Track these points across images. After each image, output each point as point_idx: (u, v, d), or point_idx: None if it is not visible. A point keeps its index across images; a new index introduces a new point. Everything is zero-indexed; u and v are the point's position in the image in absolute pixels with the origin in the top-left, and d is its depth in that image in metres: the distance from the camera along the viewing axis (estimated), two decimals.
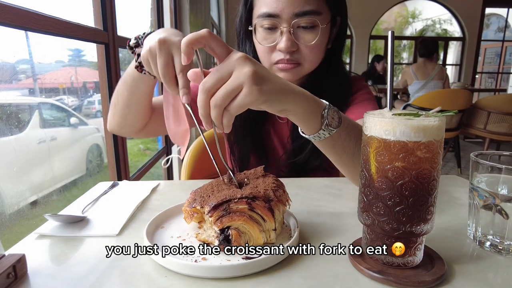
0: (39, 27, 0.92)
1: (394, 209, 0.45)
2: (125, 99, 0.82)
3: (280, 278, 0.46)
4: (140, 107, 0.85)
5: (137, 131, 0.92)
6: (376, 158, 0.45)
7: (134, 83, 0.78)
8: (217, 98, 0.50)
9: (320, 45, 0.88)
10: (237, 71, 0.50)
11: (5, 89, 1.78)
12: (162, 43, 0.60)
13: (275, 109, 0.56)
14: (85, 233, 0.59)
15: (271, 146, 1.02)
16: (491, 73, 9.13)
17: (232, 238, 0.50)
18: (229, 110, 0.51)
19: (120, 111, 0.85)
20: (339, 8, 0.92)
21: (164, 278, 0.46)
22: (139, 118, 0.88)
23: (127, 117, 0.86)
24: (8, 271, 0.43)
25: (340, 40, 0.96)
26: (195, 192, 0.57)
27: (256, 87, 0.50)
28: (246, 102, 0.50)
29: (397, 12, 10.64)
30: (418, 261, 0.48)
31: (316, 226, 0.62)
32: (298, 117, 0.60)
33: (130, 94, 0.81)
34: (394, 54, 0.51)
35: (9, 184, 1.61)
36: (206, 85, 0.50)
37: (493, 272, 0.49)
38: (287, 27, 0.83)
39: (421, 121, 0.42)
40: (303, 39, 0.85)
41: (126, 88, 0.80)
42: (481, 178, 0.56)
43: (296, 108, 0.58)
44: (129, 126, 0.89)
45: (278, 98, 0.55)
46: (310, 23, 0.84)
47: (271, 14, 0.83)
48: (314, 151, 0.93)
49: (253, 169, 0.65)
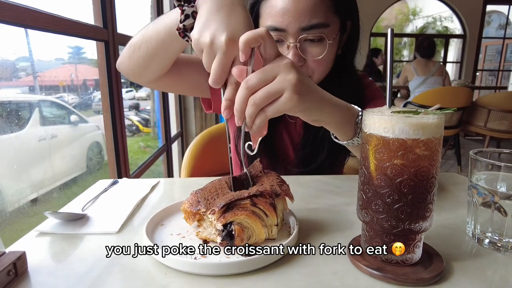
0: (39, 25, 0.92)
1: (393, 206, 0.45)
2: (150, 50, 0.72)
3: (279, 275, 0.46)
4: (165, 62, 0.78)
5: (149, 81, 0.84)
6: (375, 155, 0.45)
7: (168, 39, 0.68)
8: (257, 97, 0.50)
9: (328, 57, 0.85)
10: (281, 76, 0.50)
11: (5, 86, 1.78)
12: (230, 45, 0.50)
13: (311, 118, 0.57)
14: (85, 231, 0.59)
15: (282, 148, 1.00)
16: (492, 71, 9.11)
17: (235, 233, 0.50)
18: (265, 111, 0.51)
19: (140, 59, 0.76)
20: (349, 13, 0.88)
21: (163, 275, 0.46)
22: (158, 72, 0.80)
23: (145, 67, 0.78)
24: (9, 268, 0.43)
25: (352, 45, 0.92)
26: (197, 193, 0.56)
27: (297, 96, 0.50)
28: (285, 108, 0.51)
29: (398, 9, 10.60)
30: (417, 258, 0.48)
31: (316, 224, 0.62)
32: (333, 127, 0.62)
33: (159, 48, 0.72)
34: (393, 51, 0.51)
35: (9, 181, 1.61)
36: (249, 83, 0.50)
37: (492, 269, 0.49)
38: (294, 42, 0.80)
39: (420, 119, 0.42)
40: (310, 53, 0.82)
41: (156, 39, 0.70)
42: (480, 175, 0.56)
43: (331, 119, 0.59)
44: (144, 77, 0.82)
45: (316, 109, 0.56)
46: (317, 36, 0.81)
47: (277, 28, 0.80)
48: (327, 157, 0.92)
49: (251, 165, 0.65)
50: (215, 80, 0.52)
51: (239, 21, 0.53)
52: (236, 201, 0.52)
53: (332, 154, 0.92)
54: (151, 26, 0.71)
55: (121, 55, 0.81)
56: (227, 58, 0.51)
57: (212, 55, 0.52)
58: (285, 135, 1.00)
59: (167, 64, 0.79)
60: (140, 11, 3.02)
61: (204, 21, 0.53)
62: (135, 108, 5.84)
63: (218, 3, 0.54)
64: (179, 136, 2.88)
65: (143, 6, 2.99)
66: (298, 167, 0.97)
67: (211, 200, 0.54)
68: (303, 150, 0.96)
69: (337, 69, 0.91)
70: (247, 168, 0.60)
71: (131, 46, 0.77)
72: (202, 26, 0.53)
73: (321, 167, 0.93)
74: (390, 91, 0.50)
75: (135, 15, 2.94)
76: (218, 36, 0.51)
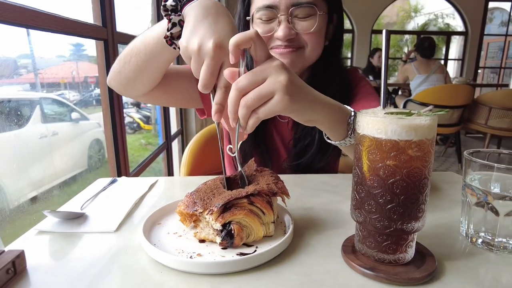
0: (39, 24, 0.93)
1: (385, 207, 0.45)
2: (140, 62, 0.73)
3: (273, 274, 0.47)
4: (155, 74, 0.78)
5: (140, 95, 0.85)
6: (368, 156, 0.46)
7: (156, 50, 0.69)
8: (248, 99, 0.51)
9: (319, 33, 0.88)
10: (272, 77, 0.51)
11: (6, 84, 1.78)
12: (217, 51, 0.52)
13: (303, 118, 0.58)
14: (83, 229, 0.60)
15: (273, 146, 1.02)
16: (494, 68, 9.07)
17: (235, 232, 0.51)
18: (257, 113, 0.52)
19: (130, 73, 0.76)
20: (335, 5, 0.92)
21: (159, 274, 0.47)
22: (148, 84, 0.81)
23: (136, 80, 0.78)
24: (8, 266, 0.44)
25: (338, 38, 0.96)
26: (192, 195, 0.56)
27: (288, 97, 0.51)
28: (276, 109, 0.51)
29: (399, 6, 10.54)
30: (409, 258, 0.49)
31: (311, 223, 0.63)
32: (325, 126, 0.63)
33: (148, 60, 0.72)
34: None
35: (10, 179, 1.62)
36: (240, 84, 0.51)
37: (484, 269, 0.50)
38: (285, 15, 0.84)
39: (412, 120, 0.43)
40: (301, 27, 0.86)
41: (145, 51, 0.71)
42: (474, 175, 0.57)
43: (324, 119, 0.60)
44: (134, 90, 0.82)
45: (307, 109, 0.56)
46: (307, 13, 0.85)
47: (269, 6, 0.84)
48: (318, 153, 0.93)
49: (245, 165, 0.65)
50: (204, 84, 0.53)
51: (225, 28, 0.55)
52: (233, 201, 0.53)
53: (322, 149, 0.93)
54: (139, 38, 0.72)
55: (110, 72, 0.81)
56: (215, 63, 0.53)
57: (200, 60, 0.53)
58: (275, 135, 1.01)
59: (158, 76, 0.80)
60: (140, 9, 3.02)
61: (191, 28, 0.55)
62: (136, 105, 5.85)
63: (204, 11, 0.56)
64: (179, 134, 2.89)
65: (143, 4, 2.99)
66: (290, 163, 0.98)
67: (207, 201, 0.54)
68: (294, 148, 0.98)
69: (325, 61, 0.94)
70: (242, 168, 0.61)
71: (120, 60, 0.77)
72: (190, 33, 0.54)
73: (313, 162, 0.95)
74: (384, 92, 0.50)
75: (134, 13, 2.94)
76: (206, 42, 0.52)
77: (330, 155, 0.94)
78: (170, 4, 0.60)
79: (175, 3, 0.60)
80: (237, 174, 0.62)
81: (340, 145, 0.67)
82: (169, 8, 0.60)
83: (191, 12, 0.57)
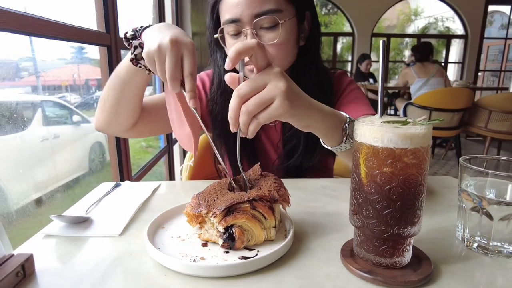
0: (43, 32, 0.95)
1: (382, 212, 0.47)
2: (117, 94, 0.80)
3: (273, 277, 0.48)
4: (132, 103, 0.83)
5: (125, 130, 0.90)
6: (366, 163, 0.47)
7: (127, 77, 0.76)
8: (249, 105, 0.53)
9: (287, 42, 0.87)
10: (272, 84, 0.53)
11: (8, 86, 1.80)
12: (174, 43, 0.59)
13: (301, 124, 0.60)
14: (89, 233, 0.61)
15: (262, 150, 1.04)
16: (494, 71, 9.10)
17: (236, 235, 0.53)
18: (258, 118, 0.54)
19: (110, 107, 0.83)
20: (304, 3, 0.91)
21: (164, 277, 0.49)
22: (129, 116, 0.86)
23: (116, 114, 0.84)
24: (17, 270, 0.46)
25: (314, 37, 0.95)
26: (198, 196, 0.58)
27: (287, 102, 0.53)
28: (276, 114, 0.54)
29: (400, 9, 10.58)
30: (406, 261, 0.50)
31: (310, 227, 0.64)
32: (321, 132, 0.65)
33: (123, 89, 0.79)
34: (385, 62, 0.53)
35: (12, 182, 1.63)
36: (241, 91, 0.53)
37: (479, 272, 0.51)
38: (250, 28, 0.84)
39: (408, 129, 0.44)
40: (266, 38, 0.85)
41: (119, 82, 0.78)
42: (469, 181, 0.58)
43: (320, 125, 0.62)
44: (118, 125, 0.87)
45: (305, 114, 0.59)
46: (271, 22, 0.84)
47: (233, 19, 0.84)
48: (305, 153, 0.95)
49: (251, 169, 0.67)
50: (171, 76, 0.60)
51: (177, 31, 0.63)
52: (236, 204, 0.54)
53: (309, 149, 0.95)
54: (112, 75, 0.80)
55: (95, 117, 0.88)
56: (175, 54, 0.59)
57: (162, 58, 0.60)
58: (264, 138, 1.03)
59: (135, 105, 0.84)
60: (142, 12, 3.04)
61: (149, 39, 0.63)
62: None
63: (157, 28, 0.66)
64: None
65: (144, 8, 3.02)
66: (279, 165, 1.00)
67: (211, 202, 0.56)
68: (283, 149, 0.99)
69: (303, 61, 0.95)
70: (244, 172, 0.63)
71: (101, 101, 0.84)
72: (149, 42, 0.63)
73: (302, 162, 0.96)
74: (381, 101, 0.52)
75: (136, 17, 2.97)
76: (163, 40, 0.60)
77: (319, 154, 0.96)
78: (130, 34, 0.70)
79: (134, 33, 0.70)
80: (240, 177, 0.63)
81: (336, 151, 0.69)
82: (130, 37, 0.70)
83: (147, 33, 0.67)
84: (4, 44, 1.41)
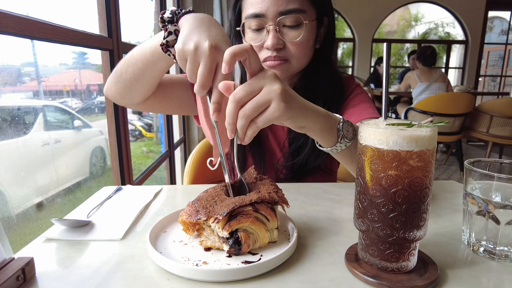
0: (46, 36, 0.95)
1: (387, 215, 0.46)
2: (136, 71, 0.77)
3: (278, 282, 0.48)
4: (151, 82, 0.81)
5: (137, 103, 0.88)
6: (371, 166, 0.47)
7: (153, 59, 0.72)
8: (246, 109, 0.53)
9: (307, 43, 0.90)
10: (267, 87, 0.54)
11: (10, 91, 1.80)
12: (212, 50, 0.56)
13: (297, 125, 0.60)
14: (90, 237, 0.61)
15: (269, 148, 1.04)
16: (494, 76, 9.11)
17: (242, 240, 0.52)
18: (256, 122, 0.54)
19: (126, 82, 0.80)
20: (324, 8, 0.94)
21: (166, 281, 0.48)
22: (144, 93, 0.84)
23: (132, 89, 0.82)
24: (18, 273, 0.45)
25: (329, 41, 0.98)
26: (194, 203, 0.57)
27: (283, 104, 0.53)
28: (273, 117, 0.54)
29: (400, 15, 10.63)
30: (411, 266, 0.49)
31: (314, 231, 0.64)
32: (316, 133, 0.65)
33: (145, 69, 0.76)
34: (389, 65, 0.53)
35: (14, 186, 1.63)
36: (237, 96, 0.53)
37: (486, 277, 0.50)
38: (273, 25, 0.86)
39: (413, 131, 0.44)
40: (288, 36, 0.88)
41: (142, 61, 0.75)
42: (475, 184, 0.58)
43: (315, 125, 0.62)
44: (131, 98, 0.85)
45: (301, 116, 0.59)
46: (294, 21, 0.86)
47: (257, 14, 0.86)
48: (312, 152, 0.95)
49: (246, 172, 0.67)
50: (202, 84, 0.56)
51: (218, 34, 0.60)
52: (238, 208, 0.54)
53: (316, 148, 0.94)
54: (136, 49, 0.76)
55: (107, 82, 0.85)
56: (211, 62, 0.56)
57: (197, 61, 0.57)
58: (271, 136, 1.04)
59: (153, 84, 0.83)
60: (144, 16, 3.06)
61: (187, 33, 0.59)
62: (138, 113, 5.88)
63: (198, 21, 0.61)
64: (182, 142, 2.90)
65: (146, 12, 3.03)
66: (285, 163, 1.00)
67: (210, 208, 0.55)
68: (289, 148, 1.00)
69: (317, 64, 0.96)
70: (242, 175, 0.62)
71: (117, 72, 0.81)
72: (185, 37, 0.59)
73: (307, 161, 0.96)
74: (386, 103, 0.52)
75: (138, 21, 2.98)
76: (202, 43, 0.56)
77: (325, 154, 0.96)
78: (167, 16, 0.65)
79: (172, 16, 0.65)
80: (237, 181, 0.63)
81: (331, 152, 0.69)
82: (166, 20, 0.65)
83: (186, 22, 0.62)
84: (6, 49, 1.41)
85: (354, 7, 6.72)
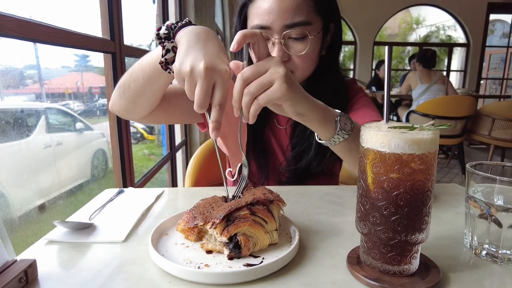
0: (48, 39, 0.95)
1: (389, 218, 0.46)
2: (139, 87, 0.77)
3: (279, 285, 0.48)
4: (154, 97, 0.82)
5: (142, 117, 0.89)
6: (372, 169, 0.47)
7: (153, 75, 0.72)
8: (251, 87, 0.57)
9: (312, 55, 0.90)
10: (272, 69, 0.58)
11: (13, 94, 1.81)
12: (208, 72, 0.55)
13: (295, 110, 0.62)
14: (92, 240, 0.61)
15: (271, 152, 1.04)
16: (496, 79, 9.10)
17: (242, 243, 0.53)
18: (258, 99, 0.58)
19: (130, 97, 0.81)
20: (331, 15, 0.93)
21: (168, 284, 0.48)
22: (149, 107, 0.85)
23: (136, 105, 0.83)
24: (20, 275, 0.45)
25: (335, 47, 0.98)
26: (191, 211, 0.59)
27: (285, 85, 0.57)
28: (275, 96, 0.58)
29: (401, 18, 10.66)
30: (414, 269, 0.49)
31: (316, 234, 0.63)
32: (314, 123, 0.67)
33: (146, 85, 0.76)
34: (391, 68, 0.53)
35: (16, 188, 1.63)
36: (245, 75, 0.58)
37: (488, 281, 0.50)
38: (278, 38, 0.85)
39: (415, 134, 0.44)
40: (293, 49, 0.87)
41: (143, 77, 0.75)
42: (477, 188, 0.57)
43: (313, 114, 0.65)
44: (136, 113, 0.87)
45: (300, 101, 0.62)
46: (300, 34, 0.86)
47: (263, 26, 0.85)
48: (315, 157, 0.95)
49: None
50: (199, 104, 0.57)
51: (214, 51, 0.59)
52: (235, 212, 0.54)
53: (320, 154, 0.95)
54: (137, 65, 0.76)
55: (112, 97, 0.86)
56: (207, 83, 0.56)
57: (193, 82, 0.57)
58: (273, 141, 1.04)
59: (156, 99, 0.83)
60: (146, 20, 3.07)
61: (183, 53, 0.59)
62: None
63: (195, 36, 0.61)
64: (184, 144, 2.91)
65: (148, 16, 3.05)
66: (288, 167, 1.00)
67: (207, 214, 0.56)
68: (292, 152, 1.00)
69: (322, 70, 0.96)
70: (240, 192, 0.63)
71: (120, 87, 0.81)
72: (182, 57, 0.58)
73: (310, 166, 0.96)
74: (387, 106, 0.52)
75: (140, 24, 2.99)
76: (197, 64, 0.56)
77: (328, 159, 0.96)
78: (163, 33, 0.64)
79: (168, 31, 0.64)
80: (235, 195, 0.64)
81: (330, 144, 0.71)
82: (162, 36, 0.64)
83: (183, 38, 0.61)
84: (9, 52, 1.42)
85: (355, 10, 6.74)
